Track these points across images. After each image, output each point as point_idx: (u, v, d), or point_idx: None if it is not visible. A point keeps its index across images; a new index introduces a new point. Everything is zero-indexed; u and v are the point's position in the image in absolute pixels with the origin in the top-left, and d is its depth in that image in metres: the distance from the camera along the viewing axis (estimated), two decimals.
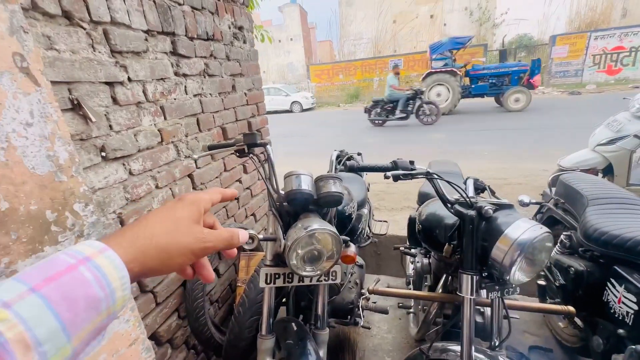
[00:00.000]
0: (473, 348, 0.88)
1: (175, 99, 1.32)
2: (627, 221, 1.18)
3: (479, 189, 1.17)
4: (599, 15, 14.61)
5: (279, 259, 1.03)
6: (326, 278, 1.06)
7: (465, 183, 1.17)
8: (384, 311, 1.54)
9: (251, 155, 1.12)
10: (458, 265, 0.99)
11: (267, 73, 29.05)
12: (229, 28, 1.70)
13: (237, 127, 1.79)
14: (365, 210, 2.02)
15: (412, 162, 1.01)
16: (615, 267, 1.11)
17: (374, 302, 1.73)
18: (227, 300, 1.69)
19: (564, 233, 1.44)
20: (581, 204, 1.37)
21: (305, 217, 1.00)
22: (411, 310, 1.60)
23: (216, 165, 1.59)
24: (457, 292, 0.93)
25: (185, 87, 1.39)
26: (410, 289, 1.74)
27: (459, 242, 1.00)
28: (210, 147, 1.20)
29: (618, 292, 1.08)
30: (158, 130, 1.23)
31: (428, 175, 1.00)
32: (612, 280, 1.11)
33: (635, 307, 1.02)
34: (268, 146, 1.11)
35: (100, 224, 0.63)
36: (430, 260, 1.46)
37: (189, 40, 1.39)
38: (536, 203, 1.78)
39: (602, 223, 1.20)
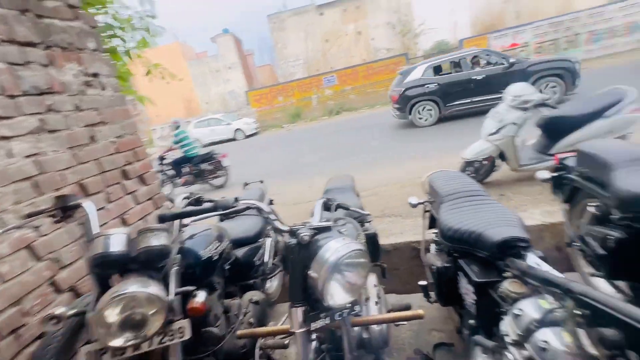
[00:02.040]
0: None
1: None
2: (469, 214, 1.26)
3: (328, 208, 1.18)
4: (495, 18, 16.80)
5: None
6: (171, 337, 0.97)
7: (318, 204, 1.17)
8: (284, 346, 1.47)
9: (69, 217, 1.02)
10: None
11: (209, 104, 28.58)
12: (76, 77, 1.59)
13: (105, 179, 1.66)
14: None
15: (236, 199, 0.98)
16: (460, 260, 1.17)
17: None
18: None
19: (433, 231, 1.52)
20: (439, 202, 1.46)
21: (125, 278, 0.91)
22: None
23: (72, 228, 1.44)
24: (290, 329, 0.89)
25: (10, 150, 1.24)
26: None
27: None
28: (29, 215, 1.07)
29: (463, 284, 1.14)
30: None
31: (257, 210, 0.98)
32: (459, 273, 1.17)
33: (475, 297, 1.07)
34: (85, 204, 1.02)
35: None
36: None
37: (8, 99, 1.26)
38: (422, 202, 1.87)
39: (450, 218, 1.28)
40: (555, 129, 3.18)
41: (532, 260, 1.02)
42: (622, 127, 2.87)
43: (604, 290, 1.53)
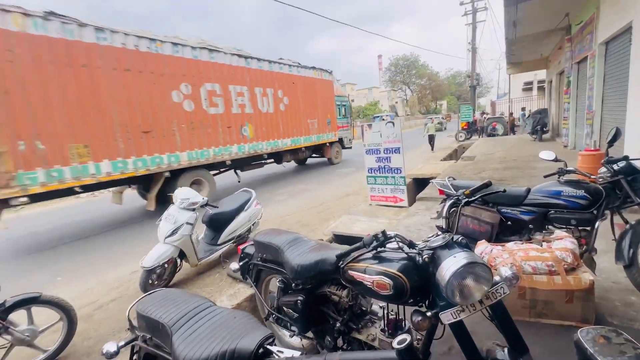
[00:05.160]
0: None
1: None
2: (207, 336, 1.15)
3: None
4: None
5: None
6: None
7: None
8: None
9: None
10: None
11: None
12: None
13: None
14: None
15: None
16: None
17: None
18: None
19: None
20: (165, 333, 1.20)
21: None
22: None
23: None
24: None
25: None
26: None
27: None
28: None
29: None
30: None
31: None
32: None
33: None
34: None
35: None
36: None
37: None
38: (126, 343, 1.42)
39: (190, 349, 1.09)
40: (217, 223, 3.86)
41: (276, 349, 1.12)
42: (256, 216, 4.10)
43: (298, 344, 1.98)
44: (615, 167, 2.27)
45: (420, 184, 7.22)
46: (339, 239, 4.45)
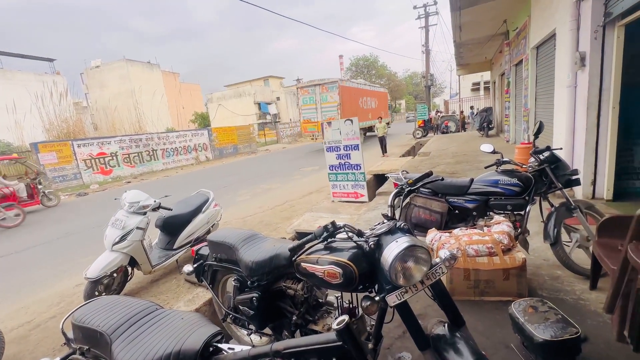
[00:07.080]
0: None
1: None
2: (152, 339, 1.10)
3: None
4: (73, 127, 16.36)
5: None
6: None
7: None
8: None
9: None
10: None
11: None
12: None
13: None
14: None
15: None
16: None
17: None
18: None
19: None
20: (105, 342, 1.12)
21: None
22: None
23: None
24: None
25: None
26: None
27: None
28: None
29: None
30: None
31: None
32: None
33: None
34: None
35: None
36: None
37: None
38: (62, 359, 1.30)
39: (133, 355, 1.03)
40: (172, 227, 3.67)
41: (227, 347, 1.10)
42: (214, 217, 3.96)
43: (257, 342, 1.96)
44: (541, 156, 2.54)
45: (380, 179, 7.49)
46: (302, 236, 4.45)
